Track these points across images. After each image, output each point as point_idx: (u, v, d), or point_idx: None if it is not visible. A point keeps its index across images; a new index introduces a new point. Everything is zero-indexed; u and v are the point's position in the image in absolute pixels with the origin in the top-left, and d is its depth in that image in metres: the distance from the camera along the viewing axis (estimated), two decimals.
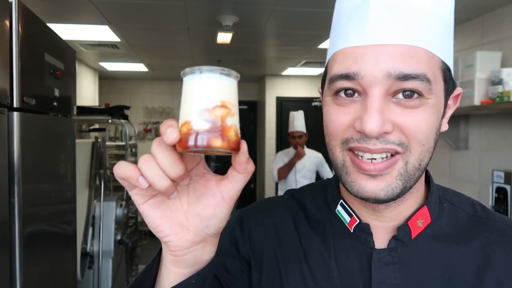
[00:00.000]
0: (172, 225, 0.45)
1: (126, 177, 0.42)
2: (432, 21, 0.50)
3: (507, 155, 2.57)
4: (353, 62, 0.49)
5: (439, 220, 0.58)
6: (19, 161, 1.39)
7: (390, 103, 0.49)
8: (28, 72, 1.46)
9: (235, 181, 0.44)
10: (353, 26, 0.51)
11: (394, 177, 0.50)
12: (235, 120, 0.42)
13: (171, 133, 0.39)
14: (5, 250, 1.34)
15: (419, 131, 0.49)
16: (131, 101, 6.52)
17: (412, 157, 0.50)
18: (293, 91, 6.15)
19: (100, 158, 2.81)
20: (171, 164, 0.40)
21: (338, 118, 0.52)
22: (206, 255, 0.49)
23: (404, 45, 0.48)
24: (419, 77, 0.48)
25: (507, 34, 2.60)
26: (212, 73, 0.42)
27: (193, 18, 3.09)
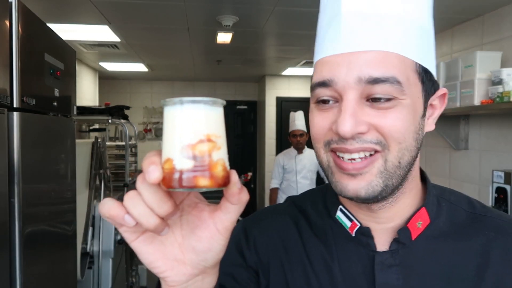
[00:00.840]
0: (167, 260, 0.44)
1: (110, 216, 0.40)
2: (404, 26, 0.52)
3: (507, 155, 2.57)
4: (328, 71, 0.53)
5: (437, 219, 0.59)
6: (19, 161, 1.39)
7: (364, 106, 0.52)
8: (28, 72, 1.46)
9: (229, 212, 0.42)
10: (328, 37, 0.54)
11: (374, 175, 0.52)
12: (222, 153, 0.39)
13: (153, 172, 0.37)
14: (5, 250, 1.34)
15: (394, 130, 0.51)
16: (131, 101, 6.52)
17: (391, 155, 0.52)
18: (293, 91, 6.15)
19: (100, 158, 2.81)
20: (157, 202, 0.39)
21: (319, 122, 0.55)
22: (206, 286, 0.47)
23: (374, 51, 0.51)
24: (388, 80, 0.50)
25: (507, 34, 2.60)
26: (194, 104, 0.38)
27: (193, 18, 3.09)
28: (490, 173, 2.46)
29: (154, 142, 6.71)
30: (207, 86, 6.90)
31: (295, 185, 3.76)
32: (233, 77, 6.37)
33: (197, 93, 6.88)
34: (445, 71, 2.79)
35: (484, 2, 2.55)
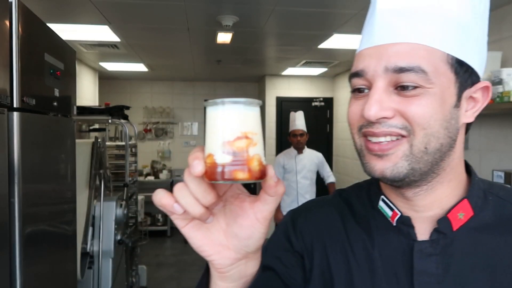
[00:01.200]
0: (213, 245, 0.48)
1: (162, 205, 0.45)
2: (435, 19, 0.56)
3: (507, 155, 2.57)
4: (362, 62, 0.58)
5: (482, 213, 0.60)
6: (19, 161, 1.39)
7: (392, 93, 0.56)
8: (28, 72, 1.46)
9: (267, 203, 0.46)
10: (365, 32, 0.61)
11: (399, 157, 0.56)
12: (258, 148, 0.43)
13: (197, 166, 0.42)
14: (5, 250, 1.34)
15: (417, 116, 0.55)
16: (131, 101, 6.51)
17: (416, 140, 0.55)
18: (293, 91, 6.15)
19: (100, 158, 2.81)
20: (202, 193, 0.43)
21: (353, 109, 0.61)
22: (250, 269, 0.52)
23: (402, 43, 0.55)
24: (413, 69, 0.54)
25: (507, 34, 2.60)
26: (233, 105, 0.42)
27: (193, 18, 3.09)
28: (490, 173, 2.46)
29: (154, 142, 6.71)
30: (207, 86, 6.90)
31: (295, 185, 3.76)
32: (233, 77, 6.37)
33: (196, 93, 6.88)
34: None
35: None
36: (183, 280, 4.49)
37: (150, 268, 4.68)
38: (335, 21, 3.17)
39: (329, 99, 6.20)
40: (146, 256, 5.15)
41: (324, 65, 5.13)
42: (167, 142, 6.74)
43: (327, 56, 4.58)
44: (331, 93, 6.21)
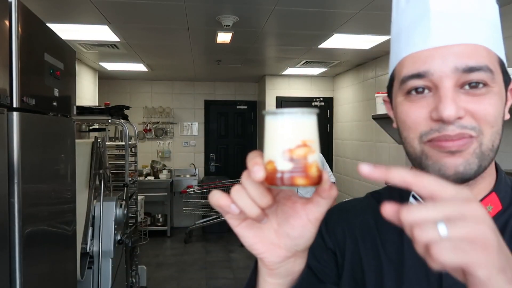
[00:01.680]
0: (265, 244, 0.50)
1: (219, 205, 0.47)
2: (486, 22, 0.58)
3: (507, 155, 2.57)
4: (422, 63, 0.57)
5: (511, 207, 0.62)
6: (19, 161, 1.39)
7: (459, 93, 0.56)
8: (28, 72, 1.46)
9: (320, 205, 0.48)
10: (418, 33, 0.59)
11: (470, 154, 0.56)
12: (316, 155, 0.44)
13: (258, 171, 0.43)
14: (5, 250, 1.34)
15: (488, 115, 0.56)
16: (131, 101, 6.51)
17: (485, 138, 0.56)
18: (293, 91, 6.14)
19: (100, 158, 2.81)
20: (259, 195, 0.45)
21: (414, 113, 0.58)
22: (298, 266, 0.54)
23: (465, 44, 0.56)
24: (482, 68, 0.55)
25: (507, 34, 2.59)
26: (292, 115, 0.44)
27: (193, 18, 3.09)
28: None
29: (154, 142, 6.71)
30: (207, 86, 6.90)
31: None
32: (233, 77, 6.37)
33: (196, 93, 6.88)
34: None
35: None
36: (183, 280, 4.49)
37: (150, 268, 4.68)
38: (335, 21, 3.17)
39: (329, 99, 6.20)
40: (146, 256, 5.14)
41: (324, 65, 5.13)
42: (167, 142, 6.74)
43: (327, 56, 4.58)
44: (331, 93, 6.21)
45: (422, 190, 0.38)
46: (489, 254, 0.35)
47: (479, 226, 0.35)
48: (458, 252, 0.34)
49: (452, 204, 0.36)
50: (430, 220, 0.35)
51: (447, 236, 0.35)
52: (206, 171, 6.87)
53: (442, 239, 0.35)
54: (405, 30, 0.61)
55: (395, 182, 0.39)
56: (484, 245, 0.35)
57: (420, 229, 0.36)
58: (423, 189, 0.38)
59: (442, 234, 0.35)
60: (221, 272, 4.71)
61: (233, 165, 6.94)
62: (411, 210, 0.36)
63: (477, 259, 0.35)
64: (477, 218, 0.36)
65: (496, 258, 0.35)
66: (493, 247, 0.36)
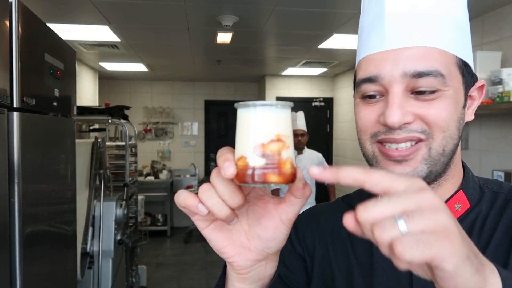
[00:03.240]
0: (235, 247, 0.48)
1: (186, 206, 0.44)
2: (444, 22, 0.56)
3: (507, 155, 2.57)
4: (374, 67, 0.56)
5: (479, 205, 0.62)
6: (19, 161, 1.39)
7: (409, 98, 0.55)
8: (28, 72, 1.46)
9: (293, 204, 0.46)
10: (373, 35, 0.58)
11: (419, 162, 0.56)
12: (290, 151, 0.42)
13: (228, 168, 0.41)
14: (5, 250, 1.34)
15: (438, 119, 0.55)
16: (131, 101, 6.52)
17: (435, 143, 0.55)
18: (293, 91, 6.15)
19: (100, 158, 2.81)
20: (230, 194, 0.42)
21: (365, 116, 0.59)
22: (269, 271, 0.52)
23: (417, 47, 0.54)
24: (432, 73, 0.54)
25: (507, 34, 2.60)
26: (265, 107, 0.42)
27: (193, 18, 3.09)
28: (490, 173, 2.46)
29: (154, 142, 6.71)
30: (207, 86, 6.90)
31: None
32: (233, 77, 6.37)
33: (196, 93, 6.88)
34: None
35: (484, 2, 2.55)
36: (183, 280, 4.49)
37: (150, 268, 4.68)
38: (335, 21, 3.17)
39: (329, 99, 6.20)
40: (146, 256, 5.15)
41: (324, 65, 5.13)
42: (167, 142, 6.74)
43: (327, 56, 4.58)
44: (331, 93, 6.21)
45: (375, 188, 0.37)
46: (453, 243, 0.34)
47: (437, 215, 0.34)
48: (421, 246, 0.32)
49: (407, 197, 0.35)
50: (388, 216, 0.34)
51: (407, 231, 0.33)
52: (206, 171, 6.87)
53: (403, 235, 0.33)
54: (365, 30, 0.61)
55: (347, 182, 0.38)
56: (445, 234, 0.34)
57: (379, 228, 0.34)
58: (375, 186, 0.37)
59: (402, 229, 0.33)
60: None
61: None
62: (367, 207, 0.35)
63: (441, 250, 0.33)
64: (433, 207, 0.34)
65: (460, 246, 0.34)
66: (455, 234, 0.34)
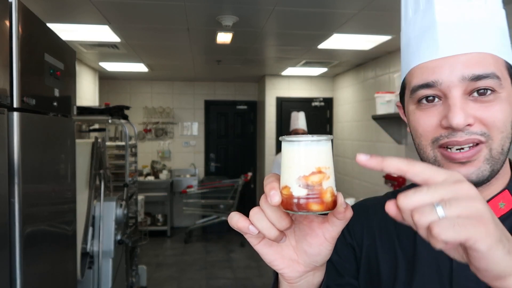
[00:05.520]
0: (284, 260, 0.53)
1: (238, 228, 0.50)
2: (490, 29, 0.60)
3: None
4: (431, 73, 0.59)
5: None
6: (19, 161, 1.39)
7: (468, 101, 0.58)
8: (28, 72, 1.46)
9: (335, 225, 0.50)
10: (426, 45, 0.61)
11: (481, 162, 0.58)
12: (331, 181, 0.46)
13: (274, 196, 0.46)
14: (5, 250, 1.34)
15: (497, 121, 0.58)
16: (131, 101, 6.52)
17: (495, 144, 0.58)
18: (293, 91, 6.14)
19: (100, 158, 2.81)
20: (278, 218, 0.47)
21: (425, 121, 0.61)
22: (317, 279, 0.56)
23: (472, 53, 0.58)
24: (489, 76, 0.57)
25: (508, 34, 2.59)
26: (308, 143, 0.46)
27: (193, 18, 3.09)
28: None
29: (154, 142, 6.71)
30: (207, 86, 6.90)
31: None
32: (233, 77, 6.37)
33: (196, 93, 6.88)
34: None
35: None
36: (183, 280, 4.49)
37: (150, 268, 4.68)
38: (335, 21, 3.17)
39: (329, 99, 6.20)
40: (146, 256, 5.15)
41: (324, 65, 5.13)
42: (167, 142, 6.74)
43: (327, 56, 4.58)
44: (331, 93, 6.21)
45: (416, 177, 0.41)
46: (486, 226, 0.37)
47: (472, 203, 0.38)
48: (457, 228, 0.36)
49: (445, 187, 0.38)
50: (427, 203, 0.38)
51: (445, 216, 0.37)
52: (206, 171, 6.87)
53: (441, 219, 0.37)
54: (414, 41, 0.64)
55: (390, 170, 0.42)
56: (479, 219, 0.37)
57: (419, 213, 0.38)
58: (416, 176, 0.41)
59: (440, 214, 0.37)
60: (221, 272, 4.71)
61: (233, 165, 6.94)
62: (407, 195, 0.39)
63: (475, 232, 0.36)
64: (469, 196, 0.38)
65: (492, 229, 0.37)
66: (488, 220, 0.38)
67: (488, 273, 0.40)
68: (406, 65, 0.66)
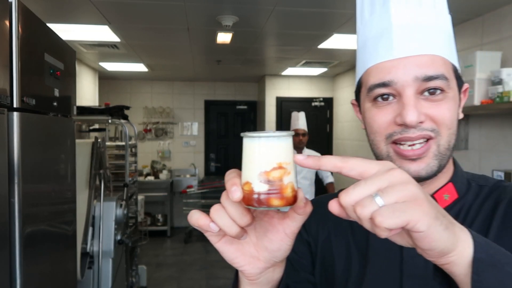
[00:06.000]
0: (245, 257, 0.54)
1: (198, 226, 0.50)
2: (440, 33, 0.64)
3: (507, 155, 2.57)
4: (386, 73, 0.63)
5: (466, 196, 0.69)
6: (19, 161, 1.39)
7: (420, 100, 0.62)
8: (28, 72, 1.46)
9: (296, 220, 0.51)
10: (382, 46, 0.65)
11: (430, 158, 0.63)
12: (292, 176, 0.46)
13: (235, 192, 0.46)
14: (5, 250, 1.34)
15: (446, 118, 0.62)
16: (131, 101, 6.52)
17: (442, 140, 0.63)
18: (293, 91, 6.14)
19: (100, 158, 2.81)
20: (239, 215, 0.48)
21: (380, 118, 0.65)
22: (277, 275, 0.58)
23: (424, 55, 0.62)
24: (439, 77, 0.61)
25: (507, 34, 2.60)
26: (269, 139, 0.46)
27: (193, 18, 3.09)
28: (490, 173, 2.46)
29: (154, 142, 6.71)
30: (207, 86, 6.90)
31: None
32: (233, 77, 6.37)
33: (196, 93, 6.88)
34: None
35: (484, 2, 2.55)
36: (183, 280, 4.49)
37: (150, 268, 4.68)
38: (335, 21, 3.17)
39: (329, 99, 6.20)
40: (146, 256, 5.14)
41: (324, 65, 5.13)
42: (167, 142, 6.74)
43: (327, 56, 4.58)
44: (331, 93, 6.21)
45: (351, 172, 0.43)
46: (422, 207, 0.40)
47: (406, 187, 0.41)
48: (397, 213, 0.39)
49: (379, 177, 0.41)
50: (366, 196, 0.40)
51: (384, 204, 0.39)
52: (206, 171, 6.87)
53: (381, 208, 0.39)
54: (370, 42, 0.67)
55: (327, 167, 0.44)
56: (415, 200, 0.40)
57: (360, 206, 0.40)
58: (351, 170, 0.43)
59: (380, 203, 0.40)
60: (221, 272, 4.71)
61: (233, 165, 6.91)
62: (347, 192, 0.42)
63: (414, 214, 0.39)
64: (402, 181, 0.41)
65: (428, 208, 0.40)
66: (423, 200, 0.41)
67: (433, 251, 0.42)
68: (362, 65, 0.69)
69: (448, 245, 0.43)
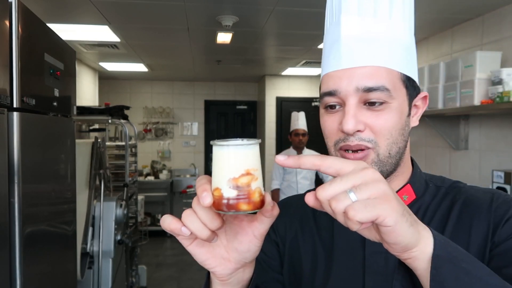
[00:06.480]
0: (216, 259, 0.56)
1: (170, 230, 0.51)
2: (391, 45, 0.66)
3: (507, 155, 2.57)
4: (333, 83, 0.66)
5: (423, 197, 0.73)
6: (19, 161, 1.39)
7: (362, 109, 0.65)
8: (28, 72, 1.46)
9: (263, 222, 0.54)
10: (332, 56, 0.68)
11: (369, 164, 0.65)
12: (259, 182, 0.49)
13: (206, 198, 0.48)
14: (5, 250, 1.34)
15: (383, 129, 0.65)
16: (131, 101, 6.52)
17: (381, 149, 0.66)
18: (293, 91, 6.15)
19: (100, 158, 2.81)
20: (210, 219, 0.50)
21: (329, 125, 0.69)
22: (247, 275, 0.60)
23: (367, 66, 0.64)
24: (379, 88, 0.64)
25: (507, 34, 2.60)
26: (236, 147, 0.48)
27: (193, 18, 3.09)
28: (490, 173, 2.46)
29: (154, 142, 6.71)
30: (207, 86, 6.90)
31: (296, 186, 3.76)
32: (233, 77, 6.37)
33: (196, 93, 6.88)
34: (445, 71, 2.79)
35: (484, 2, 2.55)
36: (183, 280, 4.49)
37: (150, 268, 4.68)
38: None
39: None
40: (146, 256, 5.15)
41: None
42: (167, 142, 6.74)
43: None
44: None
45: (329, 169, 0.47)
46: (391, 203, 0.44)
47: (378, 185, 0.44)
48: (368, 208, 0.42)
49: (354, 175, 0.45)
50: (341, 191, 0.44)
51: (357, 200, 0.43)
52: (206, 171, 6.86)
53: (354, 203, 0.43)
54: (326, 50, 0.71)
55: (307, 166, 0.47)
56: (385, 198, 0.44)
57: (335, 201, 0.44)
58: (329, 168, 0.47)
59: (353, 199, 0.43)
60: None
61: None
62: (324, 187, 0.45)
63: (383, 209, 0.43)
64: (375, 179, 0.45)
65: (396, 205, 0.44)
66: (392, 197, 0.45)
67: (397, 245, 0.46)
68: (322, 72, 0.73)
69: (412, 241, 0.46)
